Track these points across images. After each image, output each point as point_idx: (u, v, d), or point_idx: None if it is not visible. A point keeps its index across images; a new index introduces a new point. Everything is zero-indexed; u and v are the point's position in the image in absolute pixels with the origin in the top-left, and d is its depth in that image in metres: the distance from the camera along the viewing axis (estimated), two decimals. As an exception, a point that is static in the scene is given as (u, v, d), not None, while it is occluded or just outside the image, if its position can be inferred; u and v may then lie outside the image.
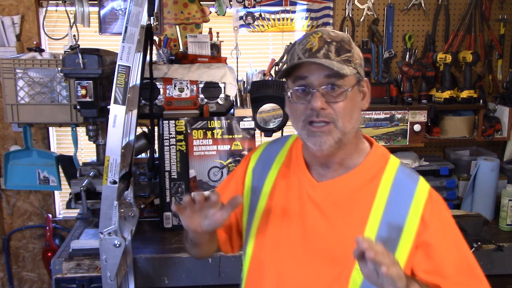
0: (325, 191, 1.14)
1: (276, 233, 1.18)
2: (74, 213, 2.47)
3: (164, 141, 2.23)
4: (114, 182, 1.61)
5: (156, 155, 2.24)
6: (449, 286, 1.08)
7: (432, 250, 1.08)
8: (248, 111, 2.31)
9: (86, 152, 2.72)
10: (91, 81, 1.90)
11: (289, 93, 1.10)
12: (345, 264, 1.08)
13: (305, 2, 2.65)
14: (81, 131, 2.51)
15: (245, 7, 2.60)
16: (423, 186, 1.13)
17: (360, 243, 0.91)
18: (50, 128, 2.65)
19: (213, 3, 2.58)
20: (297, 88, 1.08)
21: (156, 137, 2.22)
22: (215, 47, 2.46)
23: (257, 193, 1.24)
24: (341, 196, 1.13)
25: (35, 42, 2.49)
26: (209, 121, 2.26)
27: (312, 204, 1.15)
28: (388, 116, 2.50)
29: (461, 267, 1.10)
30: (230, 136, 2.27)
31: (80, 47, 1.95)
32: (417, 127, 2.51)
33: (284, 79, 1.14)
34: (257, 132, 2.27)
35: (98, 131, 2.14)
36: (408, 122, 2.51)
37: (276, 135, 2.23)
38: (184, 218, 1.11)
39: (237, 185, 1.30)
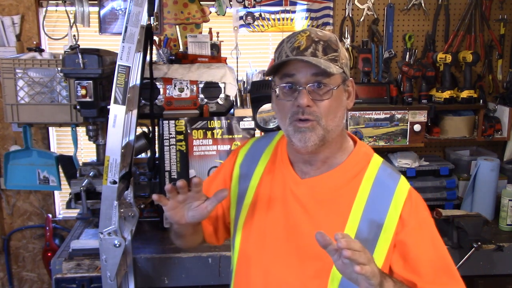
0: (308, 188, 1.17)
1: (261, 228, 1.21)
2: (74, 213, 2.47)
3: (164, 141, 2.23)
4: (114, 182, 1.61)
5: (156, 155, 2.24)
6: (424, 284, 1.11)
7: (408, 248, 1.11)
8: (248, 111, 2.31)
9: (86, 152, 2.72)
10: (91, 81, 1.90)
11: (276, 90, 1.12)
12: (326, 260, 1.08)
13: (305, 2, 2.65)
14: (81, 131, 2.51)
15: (245, 7, 2.60)
16: (403, 185, 1.15)
17: (338, 241, 0.92)
18: (50, 128, 2.65)
19: (213, 3, 2.58)
20: (284, 85, 1.10)
21: (156, 137, 2.22)
22: (215, 47, 2.46)
23: (244, 188, 1.26)
24: (324, 193, 1.15)
25: (35, 42, 2.49)
26: (209, 121, 2.26)
27: (295, 201, 1.17)
28: (388, 116, 2.50)
29: (437, 266, 1.12)
30: (230, 136, 2.27)
31: (80, 47, 1.95)
32: (417, 127, 2.51)
33: (272, 77, 1.16)
34: (257, 132, 2.27)
35: (98, 131, 2.14)
36: (408, 122, 2.51)
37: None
38: (166, 209, 1.13)
39: (225, 179, 1.32)
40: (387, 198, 1.12)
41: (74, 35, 2.18)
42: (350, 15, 2.66)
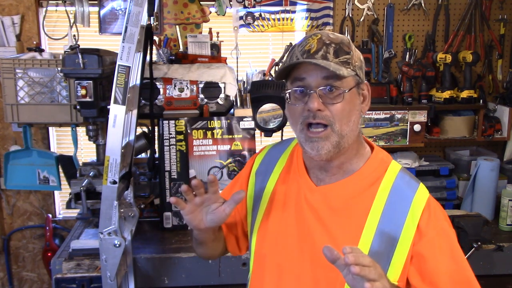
0: (322, 195, 1.14)
1: (275, 233, 1.19)
2: (74, 213, 2.47)
3: (164, 141, 2.23)
4: (114, 182, 1.61)
5: (156, 155, 2.24)
6: None
7: (426, 260, 1.06)
8: (248, 111, 2.31)
9: (86, 152, 2.72)
10: (91, 81, 1.90)
11: (287, 94, 1.10)
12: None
13: (305, 2, 2.65)
14: (81, 131, 2.51)
15: (245, 7, 2.60)
16: (421, 194, 1.11)
17: (346, 256, 0.88)
18: (50, 128, 2.65)
19: (213, 3, 2.58)
20: (295, 89, 1.08)
21: (156, 137, 2.22)
22: (215, 47, 2.46)
23: (259, 194, 1.24)
24: (338, 202, 1.12)
25: (35, 42, 2.49)
26: (209, 121, 2.26)
27: (309, 208, 1.14)
28: (388, 116, 2.50)
29: (457, 279, 1.08)
30: (230, 136, 2.27)
31: (80, 47, 1.95)
32: (417, 127, 2.51)
33: (284, 81, 1.14)
34: (257, 132, 2.27)
35: (98, 131, 2.14)
36: (408, 122, 2.51)
37: (276, 135, 2.24)
38: (185, 213, 1.10)
39: (242, 187, 1.30)
40: (404, 208, 1.08)
41: (74, 35, 2.17)
42: (350, 15, 2.66)
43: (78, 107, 1.99)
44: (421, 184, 1.13)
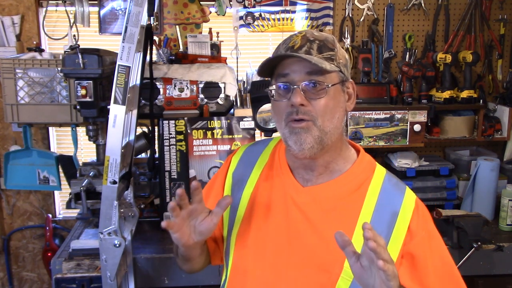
0: (310, 196, 1.12)
1: (259, 240, 1.15)
2: (74, 213, 2.48)
3: (164, 141, 2.23)
4: (114, 182, 1.61)
5: (156, 155, 2.24)
6: None
7: (416, 260, 1.07)
8: (248, 111, 2.31)
9: (86, 152, 2.72)
10: (91, 81, 1.90)
11: (272, 91, 1.10)
12: (332, 272, 1.06)
13: (305, 2, 2.65)
14: (81, 131, 2.51)
15: (245, 7, 2.60)
16: (410, 197, 1.12)
17: (365, 230, 0.87)
18: (50, 128, 2.65)
19: (213, 3, 2.58)
20: (279, 84, 1.08)
21: (156, 137, 2.22)
22: (215, 47, 2.46)
23: (237, 198, 1.20)
24: (328, 202, 1.11)
25: (35, 42, 2.49)
26: (209, 121, 2.26)
27: (297, 209, 1.12)
28: (388, 116, 2.50)
29: (445, 278, 1.10)
30: (230, 136, 2.27)
31: (80, 47, 1.95)
32: (417, 127, 2.50)
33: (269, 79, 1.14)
34: (257, 132, 2.27)
35: (98, 131, 2.14)
36: (408, 122, 2.51)
37: (276, 135, 2.23)
38: (173, 232, 1.05)
39: (218, 190, 1.26)
40: (394, 209, 1.09)
41: (74, 35, 2.17)
42: (350, 15, 2.66)
43: (78, 107, 1.99)
44: (407, 186, 1.15)
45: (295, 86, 1.05)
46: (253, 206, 1.18)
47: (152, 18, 1.91)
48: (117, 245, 1.66)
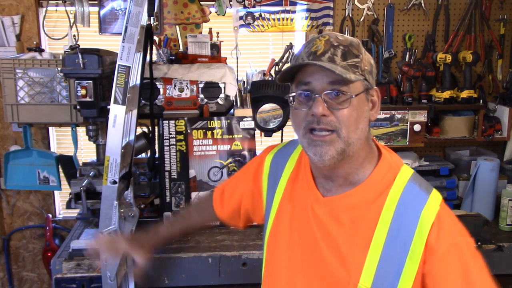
0: (329, 207, 1.08)
1: (283, 247, 1.15)
2: (74, 213, 2.47)
3: (164, 141, 2.23)
4: (114, 182, 1.61)
5: (156, 155, 2.24)
6: None
7: (435, 280, 0.98)
8: (248, 111, 2.31)
9: (86, 152, 2.72)
10: (91, 81, 1.90)
11: (291, 98, 1.04)
12: (346, 287, 1.03)
13: (305, 2, 2.65)
14: (81, 131, 2.51)
15: (245, 7, 2.60)
16: (431, 207, 1.01)
17: None
18: (50, 128, 2.65)
19: (213, 3, 2.58)
20: (299, 92, 1.03)
21: (156, 137, 2.22)
22: (215, 47, 2.46)
23: (270, 200, 1.22)
24: (344, 215, 1.06)
25: (35, 42, 2.49)
26: (209, 121, 2.26)
27: (315, 220, 1.09)
28: (388, 116, 2.50)
29: None
30: (230, 136, 2.27)
31: (80, 47, 1.95)
32: (417, 127, 2.51)
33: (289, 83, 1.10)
34: (257, 132, 2.27)
35: (98, 131, 2.14)
36: (408, 122, 2.51)
37: (276, 135, 2.24)
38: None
39: (256, 183, 1.30)
40: (412, 222, 0.99)
41: (74, 35, 2.17)
42: (350, 15, 2.66)
43: (78, 107, 1.99)
44: (432, 194, 1.04)
45: (316, 95, 0.99)
46: (280, 212, 1.18)
47: (152, 18, 1.91)
48: (117, 245, 1.66)
